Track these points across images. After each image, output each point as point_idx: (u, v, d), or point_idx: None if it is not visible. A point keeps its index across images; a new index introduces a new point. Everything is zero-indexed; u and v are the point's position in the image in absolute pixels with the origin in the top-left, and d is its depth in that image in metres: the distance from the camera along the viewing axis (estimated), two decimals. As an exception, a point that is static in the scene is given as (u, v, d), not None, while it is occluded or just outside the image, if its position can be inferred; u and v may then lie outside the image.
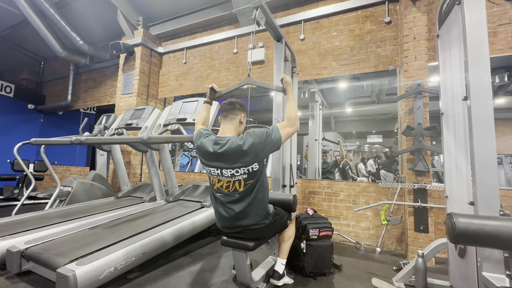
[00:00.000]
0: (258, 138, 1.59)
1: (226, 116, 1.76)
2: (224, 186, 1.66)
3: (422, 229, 2.67)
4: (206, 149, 1.65)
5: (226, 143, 1.60)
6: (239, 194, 1.63)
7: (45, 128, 7.52)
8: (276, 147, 1.65)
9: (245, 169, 1.59)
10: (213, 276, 2.14)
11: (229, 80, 4.48)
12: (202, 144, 1.70)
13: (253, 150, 1.56)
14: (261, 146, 1.58)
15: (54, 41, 5.38)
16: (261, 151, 1.59)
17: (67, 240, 2.13)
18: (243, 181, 1.61)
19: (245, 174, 1.60)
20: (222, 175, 1.64)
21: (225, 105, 1.78)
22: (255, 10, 2.04)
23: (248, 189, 1.63)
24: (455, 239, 1.04)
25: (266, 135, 1.61)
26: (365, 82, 6.13)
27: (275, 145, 1.63)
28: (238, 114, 1.77)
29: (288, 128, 1.71)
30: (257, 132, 1.61)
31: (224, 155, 1.59)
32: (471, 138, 1.33)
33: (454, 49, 1.77)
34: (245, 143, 1.57)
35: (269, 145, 1.61)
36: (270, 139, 1.61)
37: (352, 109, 8.71)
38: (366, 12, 3.56)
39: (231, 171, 1.60)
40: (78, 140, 2.37)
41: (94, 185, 4.08)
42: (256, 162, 1.60)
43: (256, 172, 1.62)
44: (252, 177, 1.62)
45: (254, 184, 1.64)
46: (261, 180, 1.68)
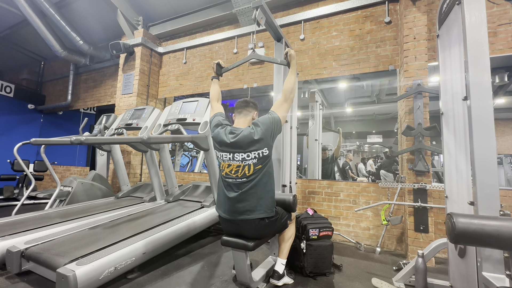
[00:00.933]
0: (265, 125, 1.75)
1: (240, 112, 1.92)
2: (233, 171, 1.75)
3: (422, 229, 2.67)
4: (222, 138, 1.79)
5: (240, 133, 1.75)
6: (247, 178, 1.72)
7: (45, 128, 7.52)
8: (279, 128, 1.82)
9: (255, 153, 1.71)
10: (213, 276, 2.14)
11: (229, 80, 4.48)
12: (219, 133, 1.83)
13: (264, 137, 1.72)
14: (269, 132, 1.74)
15: (54, 41, 5.38)
16: (270, 136, 1.75)
17: (67, 240, 2.13)
18: (253, 165, 1.72)
19: (255, 159, 1.72)
20: (234, 159, 1.74)
21: (240, 103, 1.94)
22: (255, 10, 2.04)
23: (255, 173, 1.73)
24: (455, 239, 1.04)
25: (270, 120, 1.78)
26: (365, 82, 6.13)
27: (278, 126, 1.80)
28: (251, 111, 1.92)
29: (284, 104, 1.89)
30: (263, 120, 1.78)
31: (238, 142, 1.73)
32: (471, 138, 1.33)
33: (454, 49, 1.77)
34: (256, 131, 1.73)
35: (275, 128, 1.78)
36: (274, 122, 1.78)
37: (352, 109, 8.71)
38: (366, 12, 3.56)
39: (243, 155, 1.72)
40: (78, 140, 2.36)
41: (94, 185, 4.08)
42: (266, 147, 1.73)
43: (266, 157, 1.74)
44: (262, 162, 1.73)
45: (262, 169, 1.75)
46: (269, 165, 1.79)
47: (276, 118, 1.80)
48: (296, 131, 2.67)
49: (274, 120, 1.79)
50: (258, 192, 1.73)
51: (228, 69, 2.30)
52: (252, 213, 1.71)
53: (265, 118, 1.81)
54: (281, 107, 1.88)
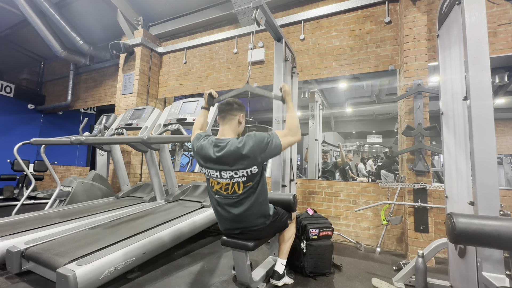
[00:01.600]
0: (258, 143, 1.57)
1: (224, 117, 1.73)
2: (223, 188, 1.64)
3: (422, 229, 2.67)
4: (206, 151, 1.64)
5: (226, 145, 1.59)
6: (238, 197, 1.62)
7: (45, 128, 7.52)
8: (276, 153, 1.64)
9: (243, 172, 1.58)
10: (213, 276, 2.14)
11: (229, 80, 4.48)
12: (201, 146, 1.68)
13: (252, 153, 1.55)
14: (260, 150, 1.57)
15: (54, 41, 5.38)
16: (260, 155, 1.57)
17: (67, 240, 2.13)
18: (242, 183, 1.60)
19: (244, 177, 1.59)
20: (221, 177, 1.62)
21: (222, 106, 1.75)
22: (255, 10, 2.04)
23: (247, 191, 1.62)
24: (455, 239, 1.04)
25: (267, 141, 1.59)
26: (365, 82, 6.13)
27: (274, 151, 1.62)
28: (237, 114, 1.74)
29: (290, 137, 1.70)
30: (258, 136, 1.60)
31: (223, 157, 1.58)
32: (471, 138, 1.33)
33: (454, 49, 1.77)
34: (245, 146, 1.56)
35: (269, 151, 1.60)
36: (270, 146, 1.60)
37: (352, 109, 8.71)
38: (366, 12, 3.56)
39: (230, 173, 1.59)
40: (78, 140, 2.37)
41: (94, 185, 4.08)
42: (255, 166, 1.58)
43: (255, 175, 1.61)
44: (251, 179, 1.61)
45: (254, 187, 1.62)
46: (262, 183, 1.67)
47: (276, 142, 1.62)
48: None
49: (272, 143, 1.60)
50: (255, 211, 1.66)
51: (220, 100, 2.05)
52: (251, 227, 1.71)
53: (262, 135, 1.61)
54: (286, 138, 1.68)
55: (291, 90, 1.97)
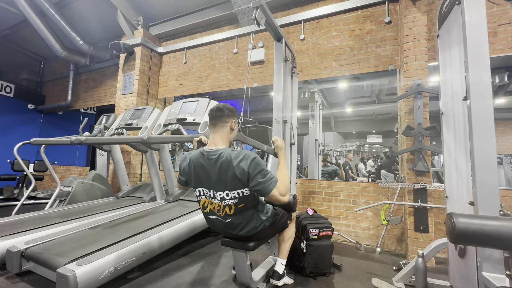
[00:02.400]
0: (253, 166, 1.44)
1: (215, 124, 1.59)
2: (216, 209, 1.58)
3: (422, 229, 2.67)
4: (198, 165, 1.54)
5: (218, 158, 1.48)
6: (231, 217, 1.57)
7: (45, 128, 7.52)
8: (261, 194, 1.49)
9: (235, 193, 1.49)
10: (213, 276, 2.14)
11: (229, 80, 4.48)
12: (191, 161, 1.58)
13: (242, 177, 1.45)
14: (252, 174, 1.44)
15: (54, 41, 5.38)
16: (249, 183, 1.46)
17: (67, 240, 2.13)
18: (234, 205, 1.52)
19: (235, 199, 1.50)
20: (214, 197, 1.55)
21: (213, 112, 1.59)
22: (255, 10, 2.03)
23: (240, 210, 1.54)
24: (455, 239, 1.04)
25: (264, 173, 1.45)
26: (365, 82, 6.13)
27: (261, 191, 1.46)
28: (228, 121, 1.59)
29: (278, 196, 1.48)
30: (255, 163, 1.45)
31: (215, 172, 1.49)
32: (471, 138, 1.33)
33: (454, 49, 1.77)
34: (238, 165, 1.44)
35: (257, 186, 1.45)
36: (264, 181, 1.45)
37: (352, 109, 8.71)
38: (366, 12, 3.56)
39: (221, 193, 1.51)
40: (78, 140, 2.36)
41: (94, 185, 4.08)
42: (247, 188, 1.49)
43: (247, 196, 1.52)
44: (243, 201, 1.52)
45: (246, 209, 1.56)
46: (256, 201, 1.61)
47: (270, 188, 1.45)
48: (296, 131, 2.67)
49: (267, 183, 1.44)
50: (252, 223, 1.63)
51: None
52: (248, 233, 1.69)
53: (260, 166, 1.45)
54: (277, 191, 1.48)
55: (291, 91, 1.94)
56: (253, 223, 1.64)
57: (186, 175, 1.64)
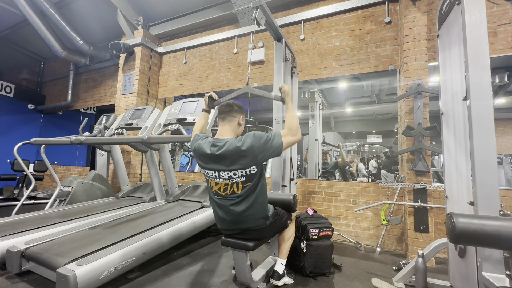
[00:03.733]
0: (257, 141, 1.55)
1: (224, 118, 1.73)
2: (222, 189, 1.63)
3: (422, 229, 2.67)
4: (204, 151, 1.63)
5: (224, 145, 1.57)
6: (238, 197, 1.61)
7: (45, 128, 7.52)
8: (276, 153, 1.62)
9: (242, 172, 1.56)
10: (213, 276, 2.14)
11: (229, 80, 4.48)
12: (199, 146, 1.67)
13: (252, 152, 1.53)
14: (260, 149, 1.55)
15: (54, 41, 5.38)
16: (260, 154, 1.56)
17: (67, 240, 2.13)
18: (241, 183, 1.59)
19: (242, 177, 1.57)
20: (220, 177, 1.61)
21: (222, 107, 1.75)
22: (255, 10, 2.04)
23: (246, 192, 1.60)
24: (455, 239, 1.04)
25: (267, 139, 1.58)
26: (365, 82, 6.13)
27: (275, 151, 1.60)
28: (236, 116, 1.74)
29: (290, 137, 1.67)
30: (257, 135, 1.58)
31: (221, 157, 1.57)
32: (471, 138, 1.33)
33: (454, 49, 1.77)
34: (244, 144, 1.54)
35: (269, 150, 1.58)
36: (271, 144, 1.58)
37: (352, 109, 8.71)
38: (366, 12, 3.56)
39: (229, 173, 1.58)
40: (78, 140, 2.36)
41: (94, 185, 4.08)
42: (254, 165, 1.57)
43: (254, 175, 1.59)
44: (250, 179, 1.59)
45: (253, 187, 1.61)
46: (261, 183, 1.65)
47: (278, 142, 1.59)
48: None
49: (273, 142, 1.58)
50: (254, 213, 1.65)
51: (221, 102, 2.05)
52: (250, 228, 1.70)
53: (261, 134, 1.60)
54: (286, 138, 1.65)
55: (290, 90, 1.96)
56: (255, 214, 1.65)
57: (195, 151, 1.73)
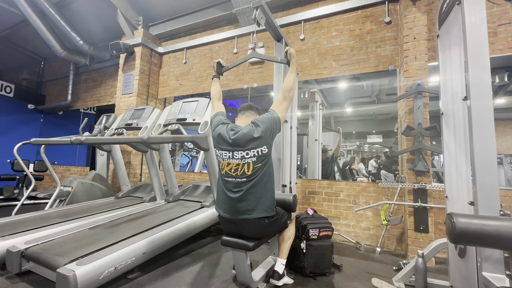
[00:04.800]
0: (265, 124, 1.76)
1: (243, 113, 2.01)
2: (233, 170, 1.75)
3: (422, 229, 2.67)
4: (223, 135, 1.81)
5: (240, 130, 1.78)
6: (247, 177, 1.72)
7: (45, 128, 7.52)
8: (279, 127, 1.83)
9: (255, 151, 1.72)
10: (213, 276, 2.14)
11: (229, 80, 4.48)
12: (220, 130, 1.85)
13: (263, 134, 1.73)
14: (268, 130, 1.75)
15: (54, 41, 5.38)
16: (269, 135, 1.76)
17: (67, 240, 2.13)
18: (252, 164, 1.72)
19: (254, 157, 1.72)
20: (233, 157, 1.75)
21: (244, 106, 2.04)
22: (255, 10, 2.04)
23: (255, 172, 1.73)
24: (455, 239, 1.04)
25: (269, 119, 1.79)
26: (365, 82, 6.13)
27: (277, 125, 1.81)
28: (254, 114, 1.99)
29: (283, 103, 1.89)
30: (262, 119, 1.80)
31: (237, 139, 1.75)
32: (471, 138, 1.33)
33: (454, 49, 1.77)
34: (256, 130, 1.74)
35: (274, 127, 1.79)
36: (273, 121, 1.79)
37: (352, 109, 8.71)
38: (366, 12, 3.56)
39: (242, 153, 1.73)
40: (78, 140, 2.36)
41: (94, 185, 4.08)
42: (266, 145, 1.74)
43: (265, 155, 1.74)
44: (261, 160, 1.73)
45: (262, 168, 1.74)
46: (269, 164, 1.79)
47: (275, 117, 1.81)
48: (296, 131, 2.67)
49: (273, 119, 1.80)
50: (259, 192, 1.72)
51: (229, 68, 2.29)
52: (252, 212, 1.71)
53: (264, 117, 1.81)
54: (280, 106, 1.88)
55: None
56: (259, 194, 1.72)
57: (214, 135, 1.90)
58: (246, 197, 1.71)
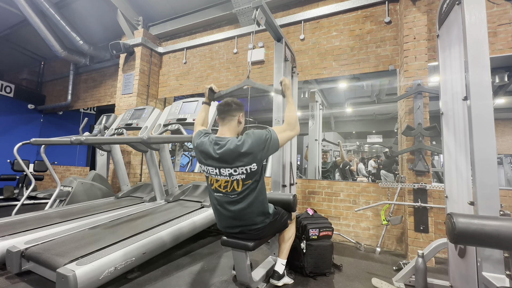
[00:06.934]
0: (257, 140, 1.58)
1: (224, 118, 1.73)
2: (222, 186, 1.64)
3: (422, 229, 2.67)
4: (206, 148, 1.64)
5: (225, 143, 1.60)
6: (238, 194, 1.62)
7: (45, 128, 7.52)
8: (274, 149, 1.65)
9: (243, 169, 1.58)
10: (213, 276, 2.14)
11: (229, 80, 4.48)
12: (201, 142, 1.69)
13: (252, 151, 1.56)
14: (260, 147, 1.58)
15: (54, 41, 5.37)
16: (260, 153, 1.58)
17: (67, 240, 2.13)
18: (241, 181, 1.60)
19: (243, 174, 1.59)
20: (221, 174, 1.62)
21: (221, 107, 1.74)
22: (255, 10, 2.04)
23: (246, 189, 1.61)
24: (455, 239, 1.04)
25: (266, 137, 1.60)
26: (365, 82, 6.13)
27: (273, 148, 1.63)
28: (236, 114, 1.73)
29: (288, 132, 1.71)
30: (256, 134, 1.61)
31: (223, 155, 1.59)
32: (471, 138, 1.33)
33: (454, 49, 1.77)
34: (244, 143, 1.57)
35: (268, 149, 1.61)
36: (269, 142, 1.61)
37: (352, 109, 8.71)
38: (366, 12, 3.56)
39: (229, 170, 1.59)
40: (78, 140, 2.37)
41: (94, 185, 4.08)
42: (255, 163, 1.59)
43: (254, 172, 1.60)
44: (251, 177, 1.60)
45: (253, 185, 1.62)
46: (261, 182, 1.67)
47: (274, 138, 1.62)
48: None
49: (271, 139, 1.61)
50: (255, 210, 1.65)
51: (221, 94, 2.09)
52: (250, 227, 1.69)
53: (260, 132, 1.62)
54: (285, 134, 1.69)
55: (291, 91, 1.97)
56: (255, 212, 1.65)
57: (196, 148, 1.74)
58: (241, 217, 1.65)
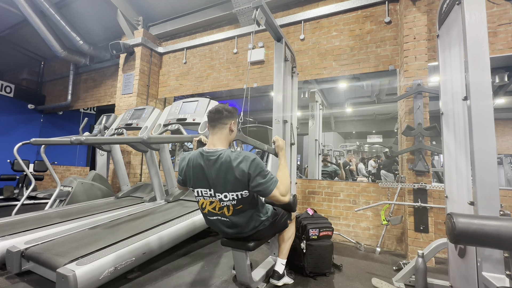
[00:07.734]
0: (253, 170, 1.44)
1: (214, 126, 1.58)
2: (217, 208, 1.55)
3: (422, 229, 2.67)
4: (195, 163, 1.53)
5: (217, 159, 1.47)
6: (229, 218, 1.56)
7: (45, 128, 7.52)
8: (262, 194, 1.48)
9: (233, 195, 1.48)
10: (213, 276, 2.14)
11: (229, 80, 4.48)
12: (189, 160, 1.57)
13: (243, 177, 1.44)
14: (252, 178, 1.44)
15: (54, 41, 5.37)
16: (251, 183, 1.45)
17: (67, 240, 2.13)
18: (232, 207, 1.51)
19: (234, 200, 1.50)
20: (215, 196, 1.53)
21: (212, 114, 1.57)
22: (255, 10, 2.03)
23: (239, 211, 1.54)
24: (455, 239, 1.04)
25: (264, 175, 1.46)
26: (365, 82, 6.13)
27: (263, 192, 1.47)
28: (227, 122, 1.58)
29: (279, 196, 1.50)
30: (256, 163, 1.45)
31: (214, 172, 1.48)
32: (471, 138, 1.33)
33: (454, 49, 1.77)
34: (237, 166, 1.43)
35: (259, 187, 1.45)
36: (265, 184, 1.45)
37: (352, 109, 8.71)
38: (366, 12, 3.56)
39: (219, 195, 1.50)
40: (78, 140, 2.36)
41: (94, 185, 4.08)
42: (246, 190, 1.49)
43: (246, 198, 1.51)
44: (242, 202, 1.52)
45: (246, 208, 1.55)
46: (255, 201, 1.61)
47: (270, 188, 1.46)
48: (296, 131, 2.67)
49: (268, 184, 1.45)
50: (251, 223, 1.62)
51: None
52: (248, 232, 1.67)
53: (262, 167, 1.46)
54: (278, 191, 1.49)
55: (291, 91, 1.95)
56: (252, 224, 1.64)
57: (185, 175, 1.62)
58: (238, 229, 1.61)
